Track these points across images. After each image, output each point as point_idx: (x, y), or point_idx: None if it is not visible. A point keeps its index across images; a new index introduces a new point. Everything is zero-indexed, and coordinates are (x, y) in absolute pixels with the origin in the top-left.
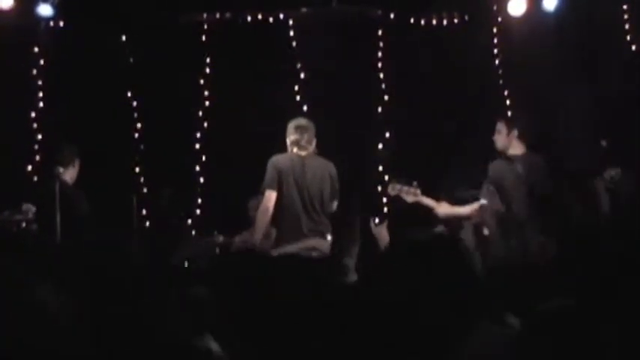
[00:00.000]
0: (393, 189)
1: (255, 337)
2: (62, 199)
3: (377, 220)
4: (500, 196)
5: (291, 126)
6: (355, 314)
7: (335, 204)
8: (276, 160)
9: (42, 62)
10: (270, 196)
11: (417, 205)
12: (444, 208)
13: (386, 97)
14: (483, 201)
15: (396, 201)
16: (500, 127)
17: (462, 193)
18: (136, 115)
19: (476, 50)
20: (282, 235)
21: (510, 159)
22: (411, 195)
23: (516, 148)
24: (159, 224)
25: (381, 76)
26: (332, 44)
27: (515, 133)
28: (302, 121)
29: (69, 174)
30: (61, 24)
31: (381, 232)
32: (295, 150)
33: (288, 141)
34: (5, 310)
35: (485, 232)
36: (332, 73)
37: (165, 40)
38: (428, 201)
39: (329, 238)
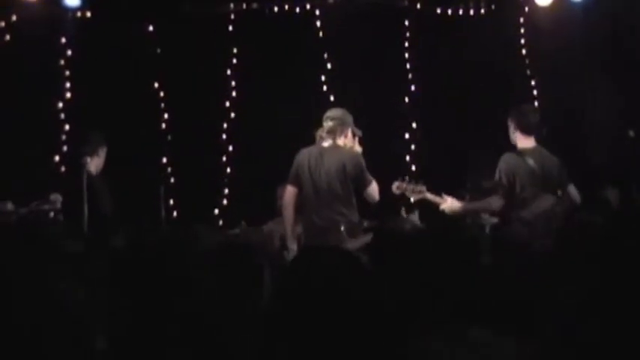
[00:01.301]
0: (398, 188)
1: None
2: (87, 190)
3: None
4: (511, 188)
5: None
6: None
7: (368, 191)
8: (298, 153)
9: (69, 53)
10: (289, 191)
11: (423, 203)
12: (449, 204)
13: (412, 88)
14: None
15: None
16: (508, 122)
17: (488, 184)
18: (163, 105)
19: (502, 40)
20: (303, 225)
21: (520, 152)
22: (416, 193)
23: (524, 142)
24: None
25: (408, 66)
26: (358, 35)
27: (513, 126)
28: (330, 111)
29: (94, 163)
30: (88, 14)
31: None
32: (319, 140)
33: None
34: (28, 300)
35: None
36: (358, 63)
37: (192, 30)
38: (433, 198)
39: (342, 228)
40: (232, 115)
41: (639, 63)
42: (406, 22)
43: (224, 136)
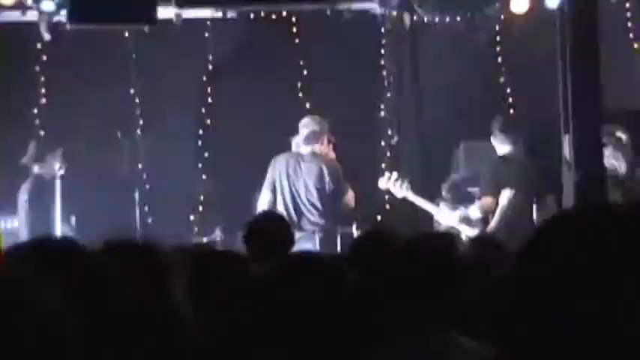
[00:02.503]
0: (386, 183)
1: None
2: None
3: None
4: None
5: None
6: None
7: (345, 200)
8: (274, 160)
9: (44, 58)
10: (266, 197)
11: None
12: (446, 217)
13: (389, 95)
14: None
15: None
16: (492, 140)
17: (470, 190)
18: (138, 111)
19: (478, 48)
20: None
21: (507, 157)
22: (401, 191)
23: (503, 150)
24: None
25: (384, 73)
26: (335, 41)
27: (496, 134)
28: (306, 119)
29: (44, 169)
30: (63, 20)
31: None
32: (295, 148)
33: None
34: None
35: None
36: (335, 70)
37: (169, 36)
38: (428, 205)
39: (317, 237)
40: (208, 121)
41: (614, 70)
42: (382, 30)
43: (199, 143)
